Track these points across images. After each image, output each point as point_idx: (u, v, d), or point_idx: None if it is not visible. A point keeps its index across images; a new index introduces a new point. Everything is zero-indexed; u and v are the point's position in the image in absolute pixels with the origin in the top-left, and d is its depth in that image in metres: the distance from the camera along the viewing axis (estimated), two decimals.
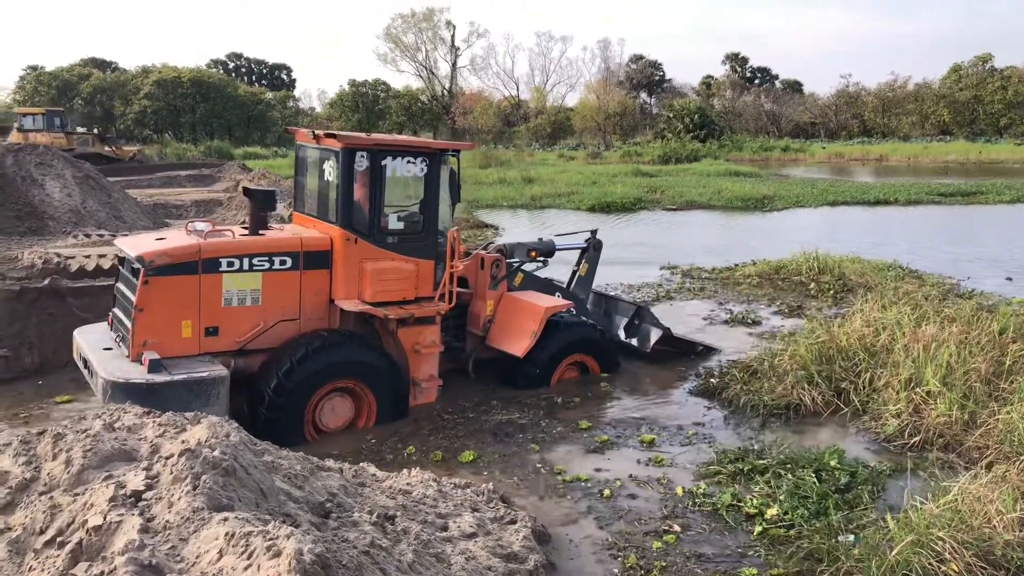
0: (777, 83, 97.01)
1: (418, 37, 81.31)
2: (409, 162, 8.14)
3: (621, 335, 10.80)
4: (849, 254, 16.60)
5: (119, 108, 67.69)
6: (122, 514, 3.69)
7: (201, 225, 7.92)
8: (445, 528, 5.31)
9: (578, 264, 10.80)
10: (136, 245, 7.69)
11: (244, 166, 35.86)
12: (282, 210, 16.69)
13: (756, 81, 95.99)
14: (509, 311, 9.25)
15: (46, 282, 10.20)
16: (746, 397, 8.74)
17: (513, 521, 5.66)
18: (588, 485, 6.84)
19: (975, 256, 19.00)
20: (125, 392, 6.64)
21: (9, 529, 4.01)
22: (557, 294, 10.02)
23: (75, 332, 8.20)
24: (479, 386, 9.25)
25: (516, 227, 23.54)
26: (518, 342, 8.97)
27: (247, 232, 8.00)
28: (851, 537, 5.68)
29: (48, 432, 4.75)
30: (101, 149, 37.89)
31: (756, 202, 29.69)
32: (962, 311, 9.91)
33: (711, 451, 7.55)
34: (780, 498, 6.37)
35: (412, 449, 7.54)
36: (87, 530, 3.63)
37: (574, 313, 9.83)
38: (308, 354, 7.52)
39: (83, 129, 43.25)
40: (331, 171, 8.07)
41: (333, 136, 7.98)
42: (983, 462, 6.69)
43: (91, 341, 7.77)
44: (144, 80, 68.13)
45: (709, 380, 9.51)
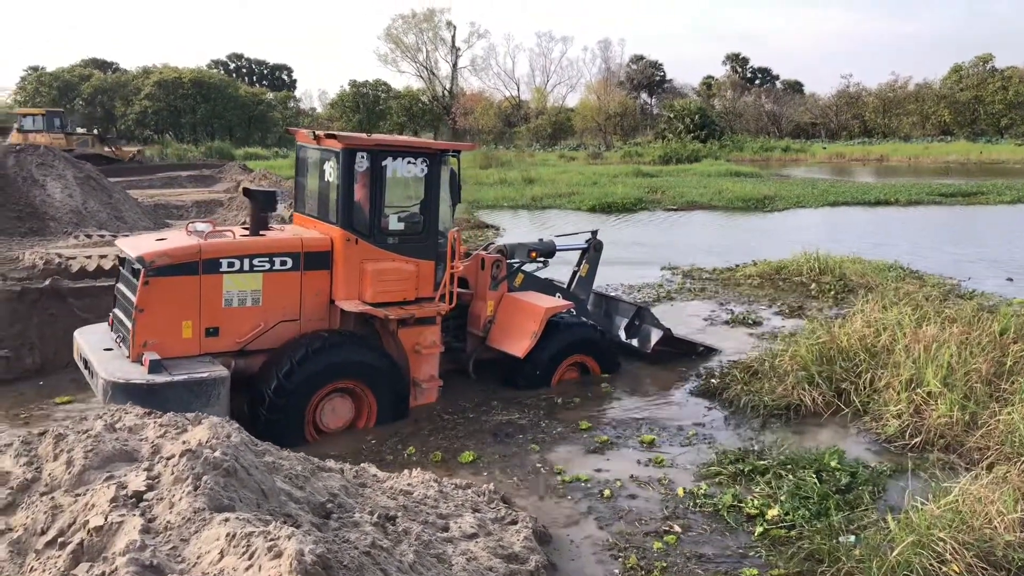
0: (778, 83, 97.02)
1: (419, 38, 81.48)
2: (409, 163, 8.15)
3: (621, 336, 10.80)
4: (850, 254, 16.59)
5: (120, 109, 67.69)
6: (123, 515, 3.69)
7: (202, 226, 7.93)
8: (446, 529, 5.31)
9: (579, 265, 10.80)
10: (137, 246, 7.69)
11: (245, 167, 35.83)
12: (283, 211, 16.71)
13: (757, 81, 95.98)
14: (509, 312, 9.25)
15: (47, 283, 10.20)
16: (747, 398, 8.73)
17: (514, 522, 5.67)
18: (588, 485, 6.84)
19: (976, 257, 18.99)
20: (125, 393, 6.64)
21: (10, 530, 4.02)
22: (557, 295, 10.01)
23: (75, 333, 8.20)
24: (479, 387, 9.25)
25: (517, 228, 23.54)
26: (518, 343, 8.97)
27: (248, 233, 8.00)
28: (852, 538, 5.68)
29: (49, 433, 4.76)
30: (101, 150, 37.88)
31: (757, 202, 29.68)
32: (963, 312, 9.91)
33: (711, 452, 7.55)
34: (781, 499, 6.37)
35: (412, 450, 7.54)
36: (88, 531, 3.63)
37: (574, 314, 9.83)
38: (308, 355, 7.52)
39: (83, 130, 43.20)
40: (331, 172, 8.08)
41: (333, 137, 7.98)
42: (984, 463, 6.70)
43: (91, 342, 7.77)
44: (145, 81, 68.15)
45: (710, 381, 9.51)
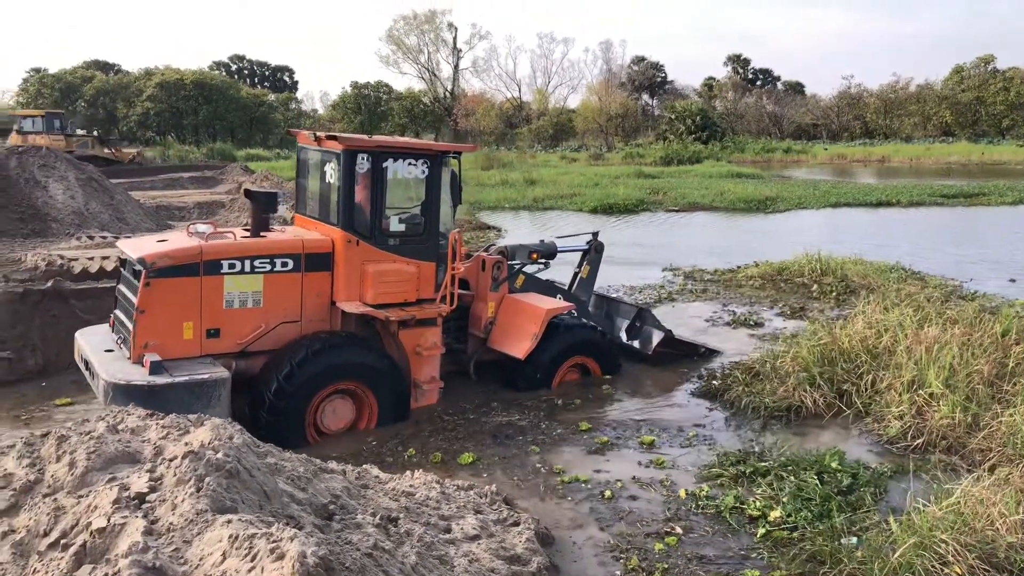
0: (779, 84, 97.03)
1: (420, 39, 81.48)
2: (410, 164, 8.15)
3: (623, 337, 10.80)
4: (851, 256, 16.56)
5: (122, 110, 67.74)
6: (126, 516, 3.69)
7: (203, 227, 7.93)
8: (448, 530, 5.31)
9: (580, 266, 10.79)
10: (138, 247, 7.69)
11: (246, 168, 35.82)
12: (284, 212, 16.70)
13: (758, 83, 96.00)
14: (510, 313, 9.25)
15: (49, 284, 10.20)
16: (748, 399, 8.73)
17: (516, 523, 5.67)
18: (589, 487, 6.84)
19: (978, 258, 18.97)
20: (126, 394, 6.65)
21: (13, 531, 4.02)
22: (558, 296, 10.01)
23: (77, 334, 8.20)
24: (480, 388, 9.25)
25: (518, 229, 23.54)
26: (519, 344, 8.96)
27: (248, 234, 8.00)
28: (854, 539, 5.68)
29: (52, 434, 4.76)
30: (101, 151, 37.90)
31: (758, 204, 29.67)
32: (965, 313, 9.89)
33: (712, 453, 7.55)
34: (783, 500, 6.36)
35: (413, 451, 7.53)
36: (91, 532, 3.63)
37: (575, 315, 9.83)
38: (308, 357, 7.51)
39: (83, 131, 43.28)
40: (332, 173, 8.08)
41: (334, 138, 7.98)
42: (986, 464, 6.69)
43: (93, 343, 7.77)
44: (147, 82, 68.19)
45: (711, 382, 9.51)
